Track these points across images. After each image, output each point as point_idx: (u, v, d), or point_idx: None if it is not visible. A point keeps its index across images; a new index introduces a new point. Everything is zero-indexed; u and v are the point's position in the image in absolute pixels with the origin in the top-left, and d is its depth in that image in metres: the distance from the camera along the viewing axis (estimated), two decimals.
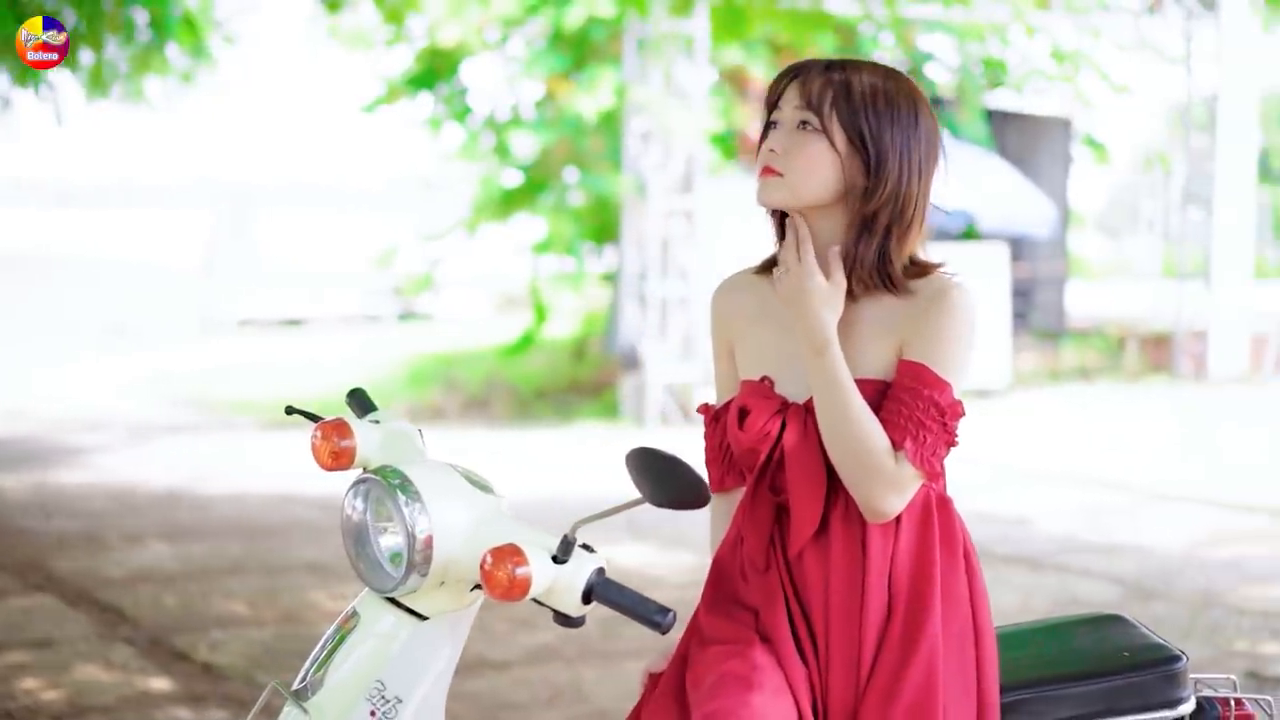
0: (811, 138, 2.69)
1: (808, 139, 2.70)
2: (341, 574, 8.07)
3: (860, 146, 2.70)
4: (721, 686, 2.65)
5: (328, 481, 10.98)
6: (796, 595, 2.74)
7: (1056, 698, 2.92)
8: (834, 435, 2.65)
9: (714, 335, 2.93)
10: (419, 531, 2.66)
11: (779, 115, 2.74)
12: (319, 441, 2.88)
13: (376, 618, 2.77)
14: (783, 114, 2.74)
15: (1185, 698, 3.00)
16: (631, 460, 2.58)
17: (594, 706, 5.90)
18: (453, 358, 18.94)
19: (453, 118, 15.60)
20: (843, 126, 2.69)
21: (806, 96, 2.71)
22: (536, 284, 16.98)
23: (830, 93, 2.70)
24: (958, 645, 2.72)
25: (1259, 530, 9.39)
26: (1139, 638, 3.10)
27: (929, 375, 2.64)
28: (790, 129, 2.71)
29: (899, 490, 2.64)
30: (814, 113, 2.70)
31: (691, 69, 14.14)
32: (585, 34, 14.50)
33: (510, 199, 15.84)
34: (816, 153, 2.69)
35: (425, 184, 17.70)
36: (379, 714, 2.69)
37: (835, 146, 2.69)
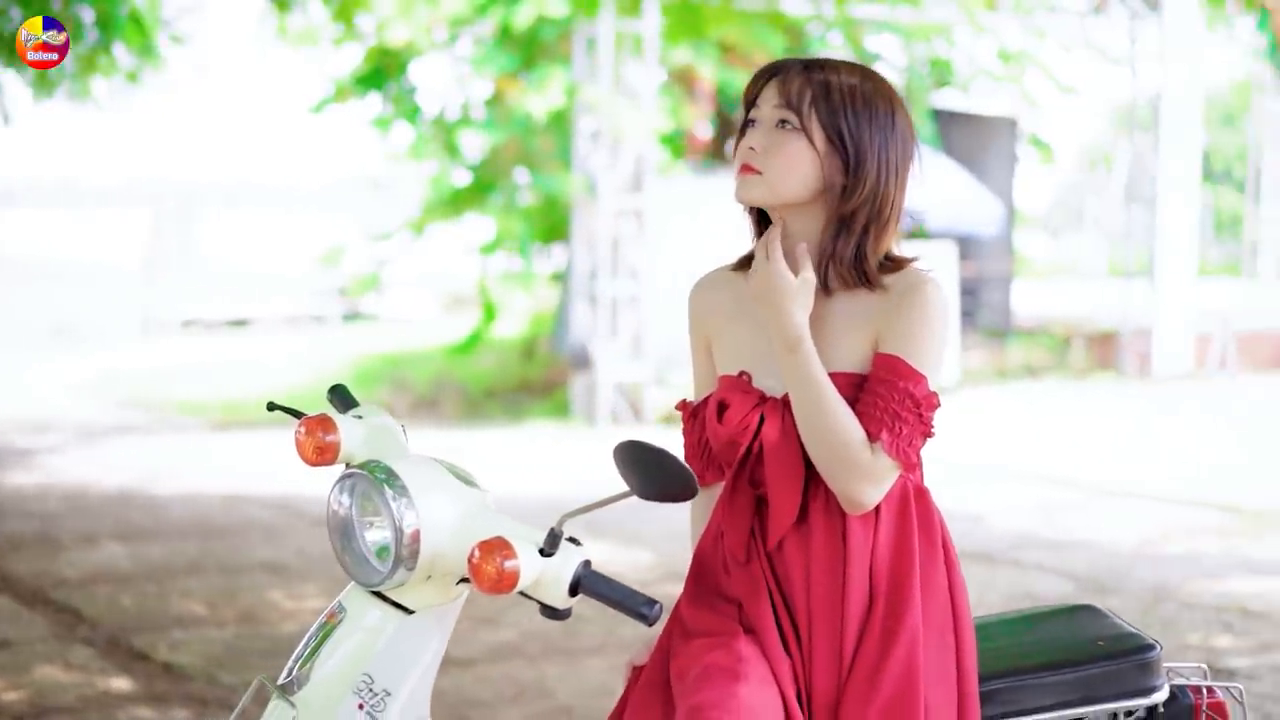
0: (791, 136, 2.72)
1: (787, 138, 2.73)
2: (300, 573, 8.06)
3: (839, 145, 2.73)
4: (707, 678, 2.68)
5: (281, 482, 10.96)
6: (779, 587, 2.77)
7: (1033, 686, 2.96)
8: (810, 429, 2.68)
9: (691, 332, 2.96)
10: (406, 526, 2.67)
11: (757, 114, 2.77)
12: (303, 437, 2.89)
13: (363, 612, 2.78)
14: (761, 112, 2.76)
15: (1159, 686, 3.04)
16: (619, 453, 2.60)
17: (558, 703, 5.92)
18: (400, 358, 18.91)
19: (402, 117, 15.56)
20: (822, 126, 2.72)
21: (786, 96, 2.74)
22: (485, 283, 16.95)
23: (810, 92, 2.73)
24: (938, 634, 2.75)
25: (1208, 525, 9.48)
26: (1112, 627, 3.14)
27: (904, 367, 2.68)
28: (769, 127, 2.74)
29: (876, 481, 2.68)
30: (793, 112, 2.73)
31: (641, 69, 14.17)
32: (535, 33, 14.50)
33: (459, 198, 15.82)
34: (795, 151, 2.72)
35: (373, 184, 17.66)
36: (367, 707, 2.71)
37: (814, 145, 2.72)
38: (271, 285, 27.56)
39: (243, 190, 29.50)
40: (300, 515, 9.69)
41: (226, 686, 6.04)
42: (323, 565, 8.26)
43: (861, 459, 2.66)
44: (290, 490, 10.56)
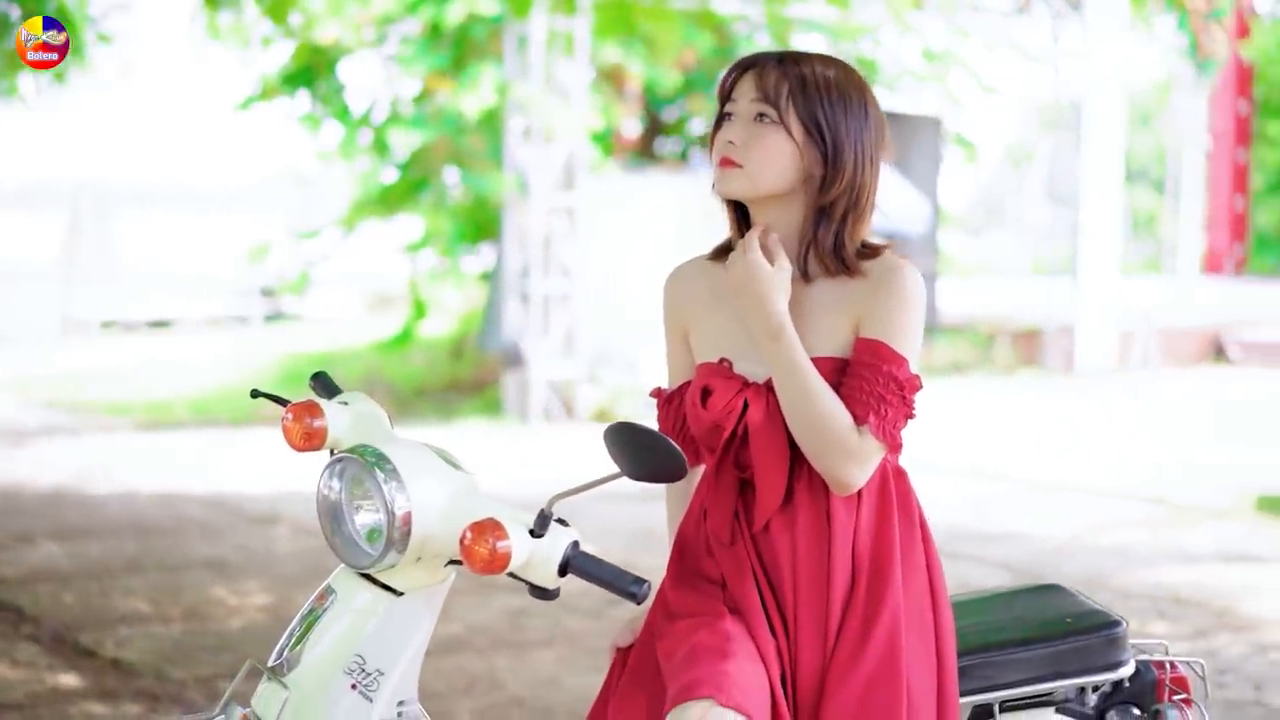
0: (769, 129, 2.79)
1: (766, 131, 2.79)
2: (242, 570, 8.05)
3: (817, 137, 2.79)
4: (695, 657, 2.73)
5: (215, 480, 10.90)
6: (763, 568, 2.83)
7: (1006, 662, 3.05)
8: (797, 415, 2.74)
9: (667, 321, 3.01)
10: (398, 508, 2.72)
11: (734, 108, 2.83)
12: (290, 423, 2.93)
13: (352, 594, 2.82)
14: (738, 106, 2.82)
15: (1125, 660, 3.14)
16: (610, 435, 2.66)
17: (510, 694, 5.97)
18: (328, 357, 18.82)
19: (330, 116, 15.51)
20: (799, 118, 2.79)
21: (763, 89, 2.79)
22: (415, 281, 16.92)
23: (786, 85, 2.79)
24: (917, 610, 2.83)
25: (1137, 517, 9.64)
26: (1079, 605, 3.23)
27: (887, 351, 2.75)
28: (747, 121, 2.80)
29: (862, 463, 2.75)
30: (771, 105, 2.79)
31: (572, 67, 14.21)
32: (465, 31, 14.51)
33: (388, 197, 15.80)
34: (774, 144, 2.79)
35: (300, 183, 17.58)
36: (360, 687, 2.75)
37: (793, 137, 2.79)
38: (193, 285, 27.34)
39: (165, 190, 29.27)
40: (237, 513, 9.67)
41: (177, 682, 6.04)
42: (264, 562, 8.26)
43: (849, 442, 2.72)
44: (225, 489, 10.54)
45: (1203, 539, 9.00)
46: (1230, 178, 25.14)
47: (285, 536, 8.98)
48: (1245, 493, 10.27)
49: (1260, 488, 10.30)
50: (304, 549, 8.61)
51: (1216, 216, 24.90)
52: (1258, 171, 26.59)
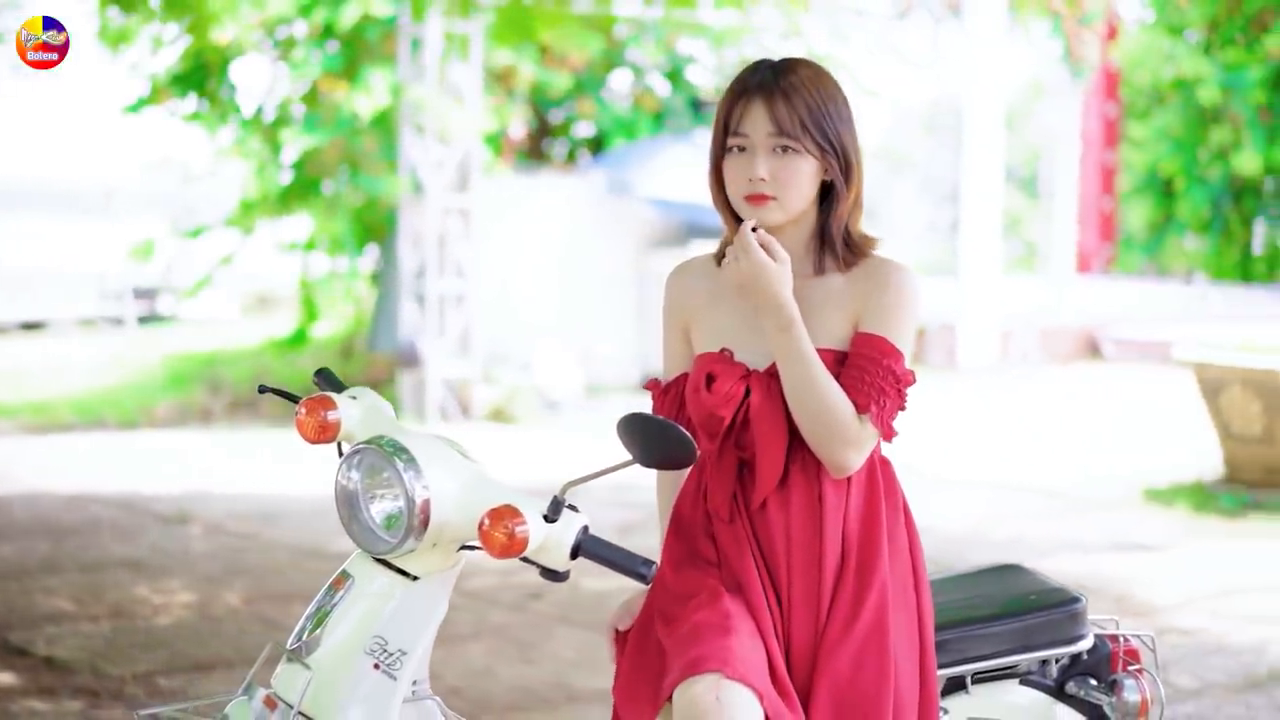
0: (792, 159, 2.96)
1: (789, 161, 2.96)
2: (161, 569, 8.09)
3: (831, 151, 2.98)
4: (698, 634, 2.90)
5: (120, 481, 10.84)
6: (758, 545, 3.01)
7: (978, 637, 3.25)
8: (803, 402, 2.92)
9: (668, 315, 3.17)
10: (418, 496, 2.85)
11: (747, 142, 2.97)
12: (304, 416, 3.06)
13: (370, 579, 2.95)
14: (753, 140, 2.96)
15: (1085, 634, 3.35)
16: (624, 425, 2.82)
17: (447, 684, 6.08)
18: (213, 357, 18.71)
19: (221, 118, 15.45)
20: (814, 140, 2.96)
21: (779, 123, 2.95)
22: (306, 283, 16.88)
23: (798, 114, 2.95)
24: (902, 588, 3.02)
25: (1031, 509, 9.95)
26: (1041, 583, 3.44)
27: (886, 346, 2.94)
28: (768, 153, 2.95)
29: (860, 449, 2.94)
30: (790, 137, 2.95)
31: (465, 69, 14.32)
32: (358, 33, 14.55)
33: (278, 199, 15.76)
34: (800, 171, 2.97)
35: (187, 184, 17.45)
36: (382, 666, 2.88)
37: (812, 157, 2.97)
38: (67, 286, 27.01)
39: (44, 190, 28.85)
40: (146, 513, 9.68)
41: (115, 678, 6.10)
42: (182, 561, 8.30)
43: (851, 429, 2.91)
44: (132, 489, 10.54)
45: (1096, 530, 9.32)
46: (1098, 179, 25.76)
47: (199, 536, 9.02)
48: (1132, 485, 10.62)
49: (1145, 480, 10.66)
50: (220, 548, 8.66)
51: (1085, 217, 25.49)
52: (1124, 173, 27.23)
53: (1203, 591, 7.73)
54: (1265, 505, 9.71)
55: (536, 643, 6.70)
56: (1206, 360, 10.24)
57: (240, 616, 7.13)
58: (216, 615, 7.17)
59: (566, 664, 6.44)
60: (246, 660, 6.32)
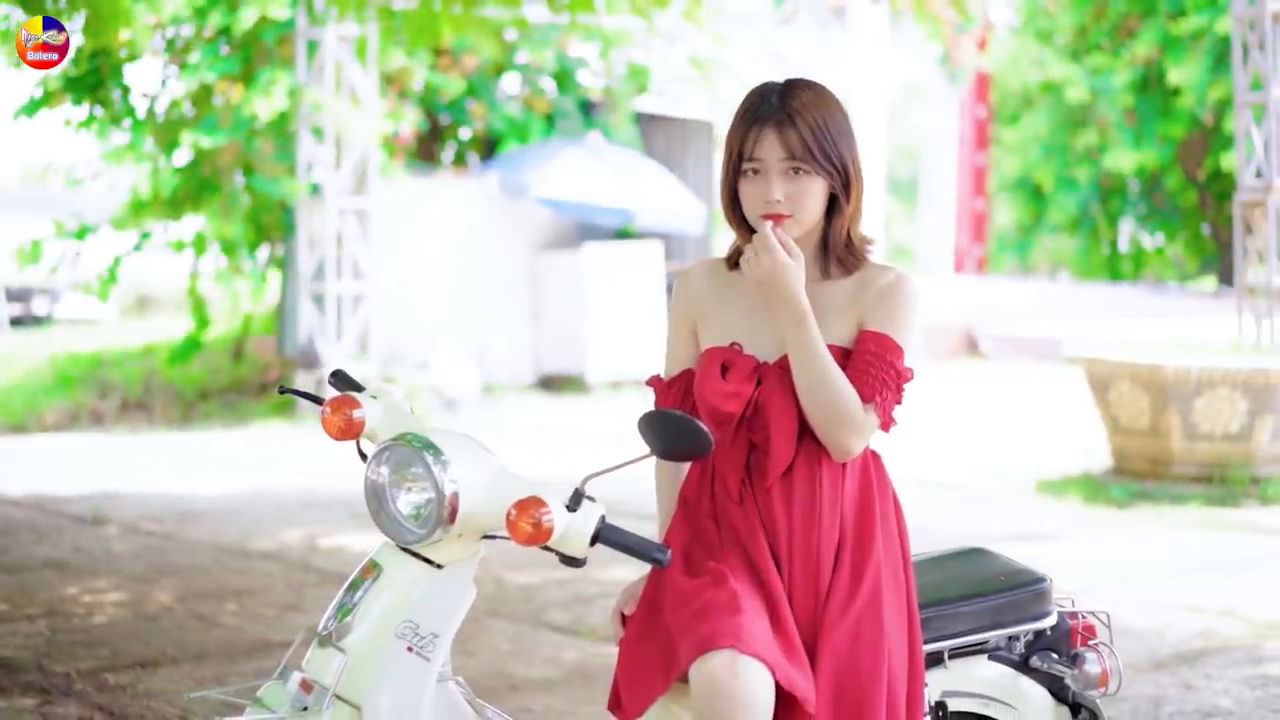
0: (804, 179, 3.21)
1: (801, 182, 3.21)
2: (87, 570, 8.15)
3: (836, 169, 3.24)
4: (708, 613, 3.12)
5: (29, 482, 10.83)
6: (763, 526, 3.24)
7: (954, 615, 3.50)
8: (812, 390, 3.15)
9: (677, 312, 3.40)
10: (447, 489, 3.04)
11: (761, 165, 3.22)
12: (330, 415, 3.23)
13: (398, 567, 3.13)
14: (766, 164, 3.21)
15: (1050, 612, 3.62)
16: (645, 421, 3.04)
17: None
18: (98, 360, 18.60)
19: (114, 120, 15.38)
20: (821, 162, 3.22)
21: (790, 149, 3.20)
22: (195, 285, 16.81)
23: (806, 140, 3.20)
24: (893, 569, 3.27)
25: (928, 501, 10.24)
26: (1008, 565, 3.71)
27: (891, 344, 3.20)
28: (781, 175, 3.20)
29: (864, 435, 3.19)
30: (800, 160, 3.21)
31: (362, 73, 14.42)
32: (255, 36, 14.58)
33: (172, 200, 15.71)
34: (812, 190, 3.23)
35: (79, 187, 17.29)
36: (415, 649, 3.06)
37: (821, 176, 3.22)
38: None
39: None
40: (60, 514, 9.72)
41: (62, 675, 6.17)
42: (105, 561, 8.37)
43: (857, 417, 3.16)
44: (41, 490, 10.56)
45: (992, 520, 9.65)
46: (971, 181, 26.34)
47: (117, 536, 9.08)
48: (1022, 477, 11.00)
49: (1037, 473, 11.04)
50: (142, 548, 8.74)
51: (958, 218, 26.07)
52: (995, 175, 27.85)
53: (1101, 578, 8.07)
54: (1153, 495, 10.11)
55: (473, 635, 6.86)
56: (1096, 357, 10.64)
57: (175, 614, 7.22)
58: (151, 614, 7.26)
59: (504, 655, 6.62)
60: (191, 657, 6.46)
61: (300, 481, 11.04)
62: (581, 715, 5.71)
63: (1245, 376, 10.03)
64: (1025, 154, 26.56)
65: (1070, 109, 25.31)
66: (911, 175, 27.45)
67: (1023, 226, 27.85)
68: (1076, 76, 24.67)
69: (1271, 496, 9.93)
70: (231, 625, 7.05)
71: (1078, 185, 25.90)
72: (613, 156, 17.12)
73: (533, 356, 16.61)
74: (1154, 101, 24.30)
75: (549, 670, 6.41)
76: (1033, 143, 26.22)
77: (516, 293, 16.64)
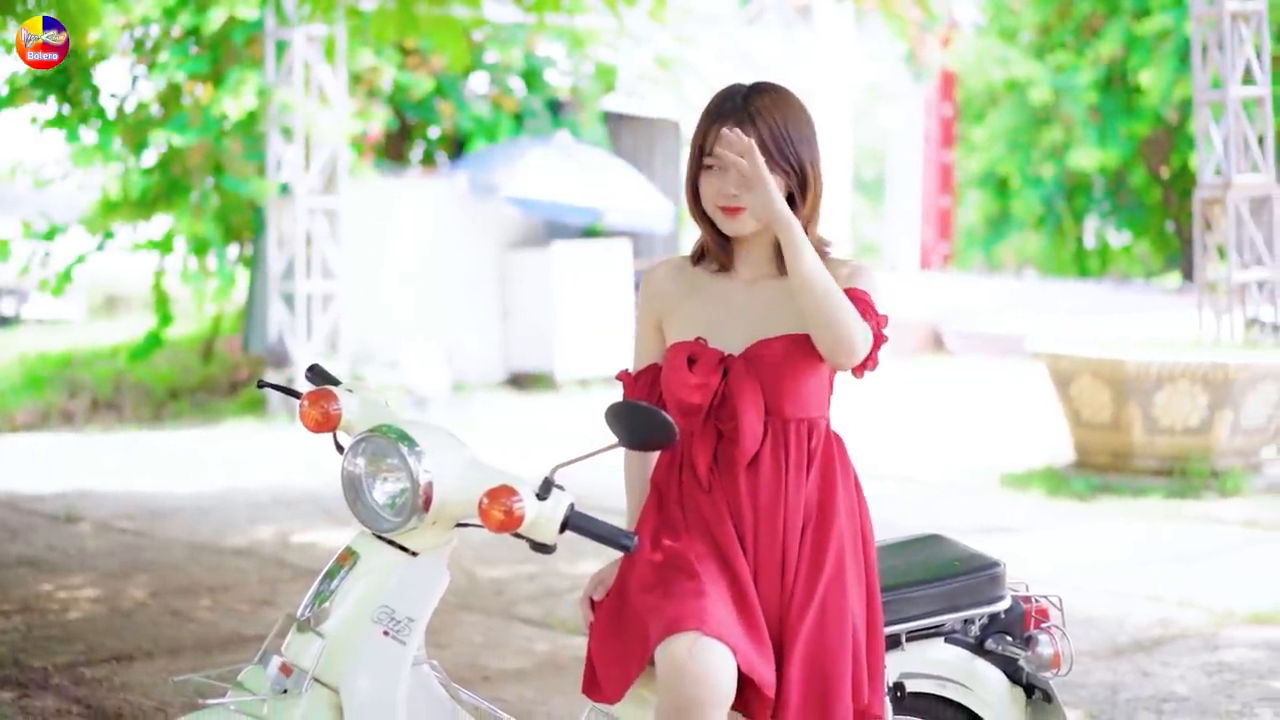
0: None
1: None
2: (61, 567, 8.22)
3: (791, 169, 3.34)
4: (674, 597, 3.23)
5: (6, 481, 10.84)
6: (729, 513, 3.36)
7: (912, 599, 3.63)
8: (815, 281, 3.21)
9: (644, 309, 3.51)
10: (421, 479, 3.15)
11: (719, 161, 3.33)
12: (307, 408, 3.33)
13: (374, 554, 3.24)
14: (725, 159, 3.31)
15: (1004, 595, 3.75)
16: (611, 412, 3.15)
17: None
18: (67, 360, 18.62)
19: (83, 119, 15.42)
20: (779, 162, 3.33)
21: None
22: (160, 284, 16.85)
23: (765, 139, 3.31)
24: (853, 546, 3.40)
25: (893, 494, 10.37)
26: (963, 550, 3.83)
27: (862, 293, 3.31)
28: (738, 171, 3.30)
29: (865, 340, 3.29)
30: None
31: (330, 73, 14.51)
32: (224, 36, 14.64)
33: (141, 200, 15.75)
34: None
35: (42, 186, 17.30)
36: (391, 633, 3.17)
37: (778, 176, 3.32)
38: None
39: None
40: (33, 512, 9.79)
41: (39, 670, 6.25)
42: (79, 559, 8.44)
43: (857, 321, 3.25)
44: (12, 489, 10.62)
45: (958, 513, 9.78)
46: (936, 178, 26.51)
47: (91, 534, 9.15)
48: (987, 470, 11.14)
49: (999, 466, 11.18)
50: (115, 545, 8.82)
51: (924, 215, 26.24)
52: (960, 172, 28.02)
53: (1063, 569, 8.21)
54: (1114, 488, 10.27)
55: (445, 629, 6.96)
56: (1059, 352, 10.79)
57: (149, 610, 7.31)
58: (125, 609, 7.34)
59: (477, 647, 6.73)
60: (165, 651, 6.55)
61: (272, 479, 11.12)
62: (552, 705, 5.82)
63: (1205, 371, 10.19)
64: (991, 152, 26.72)
65: (1034, 107, 25.47)
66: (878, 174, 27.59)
67: (989, 224, 28.03)
68: (1040, 75, 24.84)
69: (1230, 489, 10.09)
70: (206, 620, 7.13)
71: (1043, 182, 26.08)
72: (581, 155, 17.22)
73: (502, 355, 16.71)
74: (1118, 100, 24.48)
75: (521, 661, 6.52)
76: (999, 139, 26.38)
77: (485, 291, 16.74)
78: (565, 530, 3.20)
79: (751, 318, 3.37)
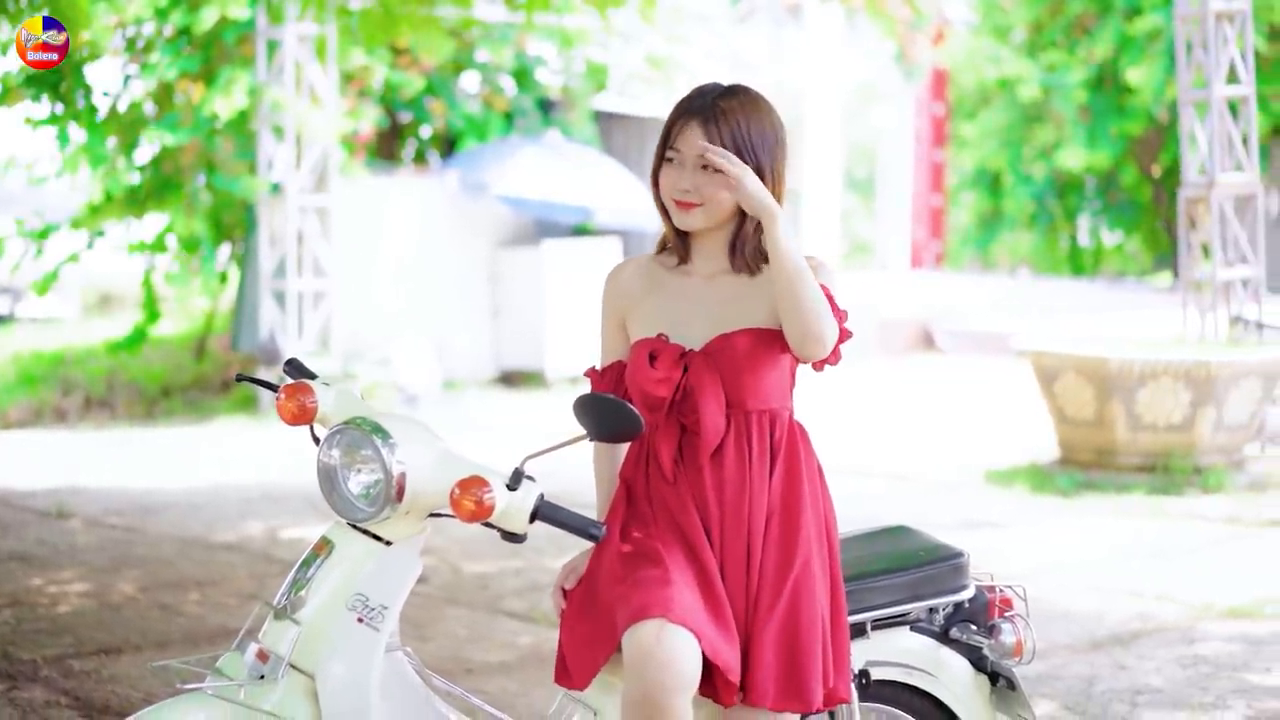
0: (715, 177, 3.40)
1: (713, 179, 3.40)
2: (51, 562, 8.29)
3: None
4: (641, 586, 3.31)
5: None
6: (695, 504, 3.43)
7: (876, 588, 3.70)
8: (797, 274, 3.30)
9: (606, 308, 3.59)
10: (395, 470, 3.23)
11: (679, 156, 3.41)
12: (284, 401, 3.41)
13: (349, 544, 3.32)
14: (684, 155, 3.40)
15: (967, 585, 3.82)
16: (579, 405, 3.24)
17: None
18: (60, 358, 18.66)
19: (76, 119, 15.48)
20: None
21: (709, 141, 3.38)
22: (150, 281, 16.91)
23: (724, 139, 3.39)
24: (817, 537, 3.46)
25: (880, 491, 10.48)
26: (927, 541, 3.91)
27: (833, 297, 3.39)
28: (695, 169, 3.39)
29: (833, 333, 3.37)
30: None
31: (322, 72, 14.57)
32: (215, 35, 14.71)
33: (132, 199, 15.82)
34: (720, 185, 3.39)
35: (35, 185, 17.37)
36: (365, 620, 3.25)
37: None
38: None
39: None
40: (24, 508, 9.85)
41: (28, 663, 6.33)
42: (70, 554, 8.51)
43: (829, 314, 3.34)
44: (5, 485, 10.69)
45: (943, 509, 9.86)
46: (928, 177, 26.59)
47: (81, 529, 9.22)
48: (972, 467, 11.22)
49: (985, 463, 11.26)
50: (105, 540, 8.89)
51: (916, 214, 26.31)
52: (952, 171, 28.09)
53: (1045, 563, 8.30)
54: (1097, 485, 10.35)
55: (429, 622, 7.04)
56: (1043, 350, 10.87)
57: (139, 604, 7.38)
58: (114, 604, 7.42)
59: (461, 640, 6.80)
60: (153, 644, 6.62)
61: (262, 475, 11.19)
62: (533, 697, 5.89)
63: (1187, 369, 10.27)
64: (982, 150, 26.77)
65: (1025, 105, 25.53)
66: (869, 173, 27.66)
67: (981, 222, 28.08)
68: (1031, 73, 24.89)
69: (1212, 485, 10.17)
70: (194, 614, 7.21)
71: (1034, 181, 26.13)
72: (571, 154, 17.29)
73: (493, 352, 16.78)
74: (1109, 99, 24.55)
75: (504, 654, 6.60)
76: (990, 138, 26.42)
77: (476, 289, 16.81)
78: (535, 520, 3.28)
79: (711, 313, 3.44)
